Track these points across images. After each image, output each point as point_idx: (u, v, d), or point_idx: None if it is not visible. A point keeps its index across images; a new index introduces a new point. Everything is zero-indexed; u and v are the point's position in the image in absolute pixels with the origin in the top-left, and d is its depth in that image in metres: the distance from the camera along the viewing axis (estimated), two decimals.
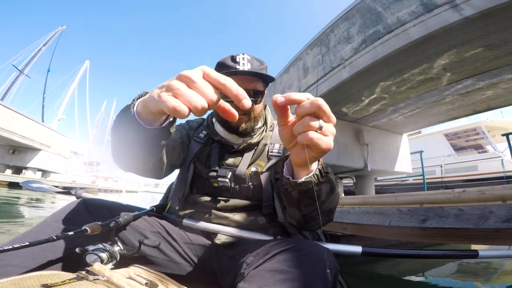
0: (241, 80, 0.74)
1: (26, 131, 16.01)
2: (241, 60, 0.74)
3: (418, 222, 1.46)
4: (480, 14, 2.29)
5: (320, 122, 0.39)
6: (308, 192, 0.52)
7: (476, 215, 1.22)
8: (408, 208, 1.52)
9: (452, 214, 1.31)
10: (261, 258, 0.53)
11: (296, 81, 4.68)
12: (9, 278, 0.43)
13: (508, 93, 3.51)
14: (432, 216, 1.39)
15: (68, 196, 8.64)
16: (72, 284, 0.42)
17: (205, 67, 0.38)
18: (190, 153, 0.86)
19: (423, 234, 1.48)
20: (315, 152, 0.42)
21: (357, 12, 3.49)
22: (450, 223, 1.31)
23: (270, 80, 0.79)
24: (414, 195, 1.49)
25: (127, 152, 0.57)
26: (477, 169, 8.00)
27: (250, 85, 0.75)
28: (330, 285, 0.47)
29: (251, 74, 0.74)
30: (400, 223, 1.56)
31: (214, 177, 0.77)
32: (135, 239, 0.67)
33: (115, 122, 0.54)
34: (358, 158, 4.73)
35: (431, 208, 1.40)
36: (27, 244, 0.48)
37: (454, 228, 1.31)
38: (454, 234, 1.33)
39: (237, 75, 0.73)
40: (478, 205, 1.21)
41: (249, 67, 0.74)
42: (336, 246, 0.84)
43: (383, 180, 8.94)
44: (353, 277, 2.04)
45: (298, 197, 0.55)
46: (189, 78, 0.36)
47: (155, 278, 0.59)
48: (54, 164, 20.60)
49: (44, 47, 32.76)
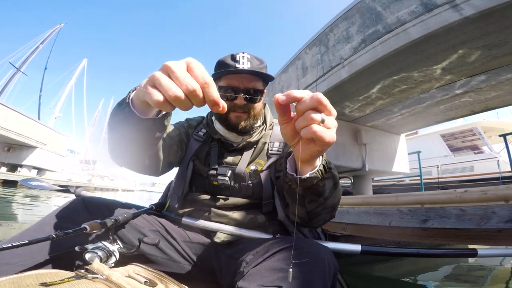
0: (240, 79, 0.75)
1: (22, 128, 15.79)
2: (241, 59, 0.75)
3: (419, 222, 1.45)
4: (480, 14, 2.29)
5: (322, 115, 0.39)
6: (312, 188, 0.52)
7: (478, 216, 1.20)
8: (408, 208, 1.51)
9: (453, 215, 1.30)
10: (261, 256, 0.52)
11: (294, 80, 4.67)
12: (7, 276, 0.43)
13: (506, 94, 3.52)
14: (433, 216, 1.38)
15: (64, 194, 8.55)
16: (71, 283, 0.42)
17: (191, 59, 0.39)
18: (189, 151, 0.86)
19: (424, 235, 1.46)
20: (319, 146, 0.42)
21: (356, 12, 3.48)
22: (452, 224, 1.30)
23: (269, 79, 0.80)
24: (415, 195, 1.47)
25: (123, 145, 0.58)
26: (473, 170, 8.04)
27: (250, 84, 0.76)
28: (330, 283, 0.47)
29: (251, 73, 0.75)
30: (401, 223, 1.54)
31: (214, 175, 0.77)
32: (134, 238, 0.67)
33: (111, 115, 0.55)
34: (356, 158, 4.73)
35: (432, 208, 1.39)
36: (26, 243, 0.47)
37: (456, 229, 1.30)
38: (455, 235, 1.32)
39: (237, 74, 0.74)
40: (480, 205, 1.19)
41: (249, 66, 0.74)
42: (335, 245, 0.84)
43: (379, 181, 8.97)
44: (353, 278, 2.03)
45: (303, 193, 0.55)
46: (169, 68, 0.37)
47: (154, 276, 0.58)
48: (50, 162, 20.34)
49: (42, 45, 32.34)
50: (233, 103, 0.76)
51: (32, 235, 0.56)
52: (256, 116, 0.82)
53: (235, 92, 0.74)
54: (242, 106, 0.76)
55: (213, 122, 0.87)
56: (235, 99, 0.75)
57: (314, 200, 0.57)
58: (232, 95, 0.74)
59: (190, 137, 0.89)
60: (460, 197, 1.25)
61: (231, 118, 0.78)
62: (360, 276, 2.11)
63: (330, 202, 0.59)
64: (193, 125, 0.93)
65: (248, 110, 0.78)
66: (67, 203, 0.67)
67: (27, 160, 17.91)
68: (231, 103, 0.76)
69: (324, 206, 0.58)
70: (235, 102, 0.75)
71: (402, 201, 1.55)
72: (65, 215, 0.63)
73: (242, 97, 0.74)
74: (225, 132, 0.83)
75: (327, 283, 0.46)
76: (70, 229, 0.54)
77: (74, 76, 41.10)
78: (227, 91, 0.74)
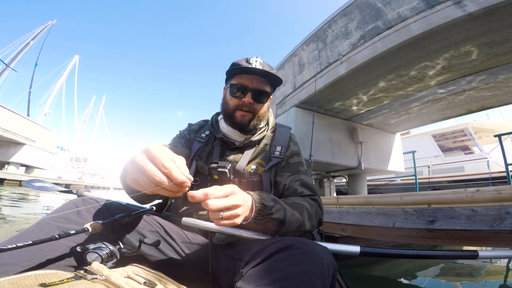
0: (251, 79, 0.82)
1: (9, 124, 15.39)
2: (254, 62, 0.82)
3: (426, 223, 1.37)
4: (483, 11, 2.25)
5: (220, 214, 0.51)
6: (255, 228, 0.62)
7: (491, 216, 1.14)
8: (414, 208, 1.44)
9: (463, 215, 1.23)
10: (260, 257, 0.52)
11: (291, 77, 4.58)
12: (7, 277, 0.43)
13: (503, 93, 3.52)
14: (441, 217, 1.31)
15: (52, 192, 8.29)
16: (70, 283, 0.42)
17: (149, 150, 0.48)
18: (192, 152, 0.90)
19: (430, 236, 1.39)
20: None
21: (356, 8, 3.42)
22: (462, 225, 1.23)
23: (278, 82, 0.86)
24: (422, 195, 1.40)
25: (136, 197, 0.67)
26: (464, 170, 8.15)
27: (259, 85, 0.83)
28: (329, 283, 0.47)
29: (262, 73, 0.81)
30: (405, 224, 1.47)
31: (214, 168, 0.78)
32: (133, 238, 0.68)
33: (121, 176, 0.64)
34: (352, 157, 4.69)
35: (440, 208, 1.32)
36: (30, 243, 0.48)
37: (465, 230, 1.23)
38: (465, 236, 1.25)
39: (248, 74, 0.82)
40: (493, 205, 1.13)
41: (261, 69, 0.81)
42: (334, 246, 0.83)
43: (372, 180, 9.00)
44: (352, 279, 1.97)
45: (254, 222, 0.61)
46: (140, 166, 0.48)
47: (154, 277, 0.58)
48: (39, 160, 19.80)
49: (33, 41, 31.50)
50: (241, 101, 0.83)
51: (30, 236, 0.56)
52: (260, 117, 0.87)
53: (245, 90, 0.82)
54: (248, 105, 0.82)
55: (218, 122, 0.94)
56: (244, 97, 0.82)
57: (267, 229, 0.63)
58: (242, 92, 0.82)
59: (193, 140, 0.93)
60: (471, 197, 1.18)
61: (237, 116, 0.84)
62: (359, 277, 2.08)
63: (287, 229, 0.65)
64: (195, 129, 0.98)
65: (253, 110, 0.84)
66: (65, 203, 0.67)
67: (15, 157, 17.44)
68: (239, 101, 0.83)
69: (284, 231, 0.65)
70: (243, 100, 0.82)
71: (407, 201, 1.47)
72: (64, 215, 0.63)
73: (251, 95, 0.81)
74: (229, 131, 0.88)
75: (326, 283, 0.46)
76: (69, 230, 0.55)
77: (65, 72, 40.01)
78: (238, 88, 0.82)
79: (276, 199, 0.66)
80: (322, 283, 0.45)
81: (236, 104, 0.83)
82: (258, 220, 0.59)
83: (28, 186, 1.44)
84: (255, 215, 0.59)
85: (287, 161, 0.87)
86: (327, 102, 4.12)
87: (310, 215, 0.71)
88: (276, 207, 0.63)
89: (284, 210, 0.64)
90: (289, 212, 0.66)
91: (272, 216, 0.61)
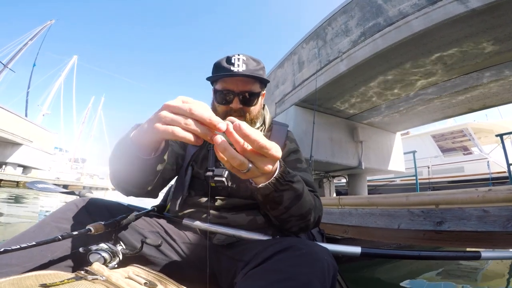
0: (235, 82, 0.74)
1: (6, 125, 15.34)
2: (236, 61, 0.74)
3: (433, 225, 1.31)
4: (487, 7, 2.19)
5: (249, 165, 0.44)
6: (269, 196, 0.56)
7: (504, 217, 1.07)
8: (421, 209, 1.37)
9: (474, 216, 1.16)
10: (260, 258, 0.52)
11: (290, 75, 4.53)
12: (8, 278, 0.43)
13: (505, 91, 3.47)
14: (450, 218, 1.24)
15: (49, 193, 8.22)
16: (70, 284, 0.42)
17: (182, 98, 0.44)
18: (187, 157, 0.86)
19: (438, 238, 1.33)
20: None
21: (356, 5, 3.37)
22: (472, 226, 1.17)
23: (264, 82, 0.79)
24: (429, 195, 1.34)
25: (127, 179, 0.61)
26: (464, 171, 8.12)
27: (246, 87, 0.75)
28: (329, 284, 0.47)
29: (245, 77, 0.73)
30: (411, 225, 1.40)
31: (211, 176, 0.74)
32: (133, 239, 0.67)
33: (113, 152, 0.59)
34: (352, 156, 4.63)
35: (449, 209, 1.25)
36: (34, 244, 0.48)
37: (476, 232, 1.16)
38: (475, 238, 1.19)
39: (232, 77, 0.74)
40: (507, 206, 1.07)
41: (244, 68, 0.73)
42: (335, 247, 0.82)
43: (371, 181, 8.95)
44: (353, 281, 1.92)
45: (263, 200, 0.58)
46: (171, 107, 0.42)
47: (154, 278, 0.58)
48: (36, 160, 19.73)
49: (31, 42, 31.40)
50: (229, 107, 0.76)
51: (32, 237, 0.56)
52: (254, 119, 0.81)
53: (231, 96, 0.75)
54: (237, 110, 0.76)
55: None
56: (231, 103, 0.75)
57: (274, 208, 0.60)
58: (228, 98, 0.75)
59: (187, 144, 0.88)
60: (483, 197, 1.12)
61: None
62: (360, 279, 2.03)
63: (294, 211, 0.61)
64: None
65: (244, 113, 0.77)
66: (67, 204, 0.66)
67: (12, 158, 17.38)
68: (227, 107, 0.76)
69: (289, 214, 0.61)
70: (230, 106, 0.76)
71: (413, 201, 1.41)
72: (65, 216, 0.63)
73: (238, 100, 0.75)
74: None
75: (326, 284, 0.46)
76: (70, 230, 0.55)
77: (63, 73, 39.63)
78: (222, 94, 0.75)
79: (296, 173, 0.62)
80: (322, 284, 0.45)
81: (225, 110, 0.77)
82: (279, 185, 0.54)
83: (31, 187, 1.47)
84: (279, 174, 0.53)
85: (284, 160, 0.82)
86: (327, 100, 4.06)
87: (316, 207, 0.68)
88: (298, 177, 0.60)
89: (303, 184, 0.62)
90: (306, 190, 0.63)
91: (293, 185, 0.57)
